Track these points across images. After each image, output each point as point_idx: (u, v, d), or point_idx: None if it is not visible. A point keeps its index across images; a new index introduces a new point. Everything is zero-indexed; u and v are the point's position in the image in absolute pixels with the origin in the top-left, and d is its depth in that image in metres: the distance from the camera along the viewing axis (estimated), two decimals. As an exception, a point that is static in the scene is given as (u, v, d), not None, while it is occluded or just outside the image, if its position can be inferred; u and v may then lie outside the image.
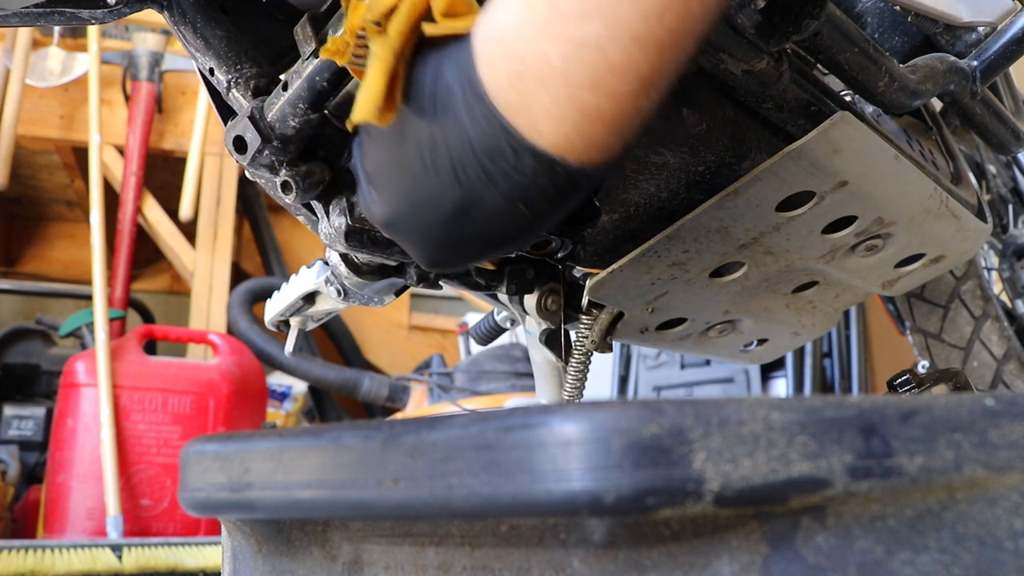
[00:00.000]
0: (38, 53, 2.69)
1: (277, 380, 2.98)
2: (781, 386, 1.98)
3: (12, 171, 2.75)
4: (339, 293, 0.72)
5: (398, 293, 0.75)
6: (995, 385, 1.28)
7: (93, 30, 2.64)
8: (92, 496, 2.20)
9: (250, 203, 3.29)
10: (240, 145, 0.57)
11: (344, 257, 0.69)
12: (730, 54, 0.53)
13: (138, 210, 2.71)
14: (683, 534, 0.32)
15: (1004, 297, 1.51)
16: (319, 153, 0.60)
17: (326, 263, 0.72)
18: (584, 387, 0.78)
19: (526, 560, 0.36)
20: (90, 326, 2.47)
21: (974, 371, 1.27)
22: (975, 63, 0.75)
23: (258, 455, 0.44)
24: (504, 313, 0.96)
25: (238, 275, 3.16)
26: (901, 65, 0.66)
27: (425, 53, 0.43)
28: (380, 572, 0.44)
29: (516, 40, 0.38)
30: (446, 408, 2.51)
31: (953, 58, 0.73)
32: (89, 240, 2.46)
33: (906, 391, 0.72)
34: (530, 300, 0.75)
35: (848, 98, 0.69)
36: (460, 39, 0.41)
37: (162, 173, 3.04)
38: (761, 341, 0.88)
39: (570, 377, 0.77)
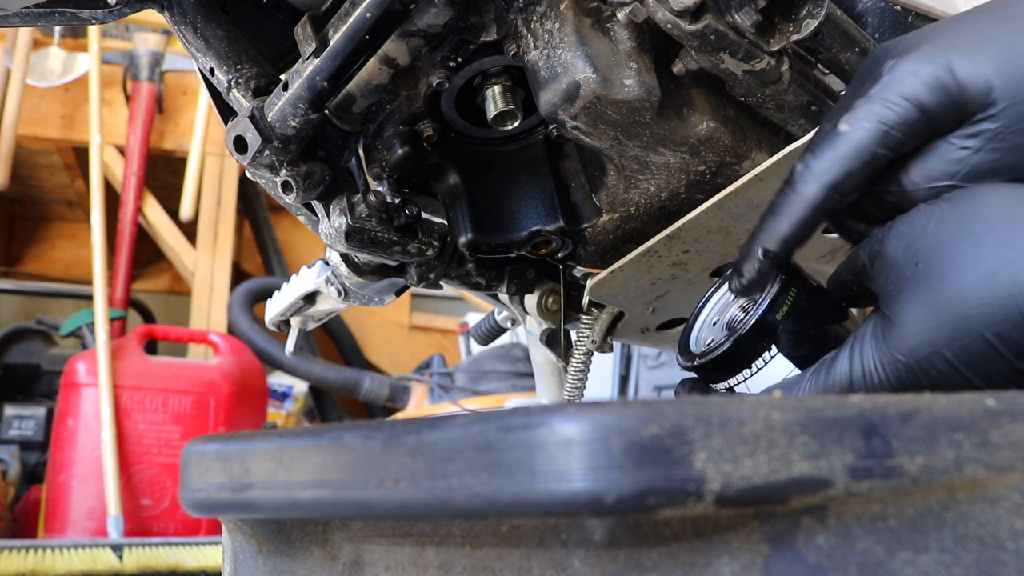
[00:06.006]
0: (39, 53, 2.70)
1: (278, 380, 2.98)
2: (782, 386, 1.97)
3: (13, 171, 2.75)
4: (339, 293, 0.72)
5: (398, 293, 0.75)
6: (996, 385, 1.27)
7: (94, 30, 2.64)
8: (93, 496, 2.20)
9: (251, 203, 3.29)
10: (240, 145, 0.57)
11: (344, 257, 0.69)
12: (730, 54, 0.53)
13: (139, 210, 2.71)
14: (684, 534, 0.32)
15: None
16: (319, 153, 0.60)
17: (327, 263, 0.72)
18: (584, 387, 0.78)
19: (527, 560, 0.36)
20: (91, 326, 2.47)
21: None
22: (976, 63, 0.75)
23: (259, 455, 0.44)
24: (505, 313, 0.96)
25: (239, 275, 3.16)
26: (902, 65, 0.66)
27: None
28: (381, 572, 0.44)
29: None
30: (447, 408, 2.51)
31: (954, 58, 0.73)
32: (90, 240, 2.47)
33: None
34: (531, 300, 0.75)
35: (849, 98, 0.69)
36: None
37: (163, 173, 3.05)
38: (762, 341, 0.88)
39: (571, 377, 0.76)
